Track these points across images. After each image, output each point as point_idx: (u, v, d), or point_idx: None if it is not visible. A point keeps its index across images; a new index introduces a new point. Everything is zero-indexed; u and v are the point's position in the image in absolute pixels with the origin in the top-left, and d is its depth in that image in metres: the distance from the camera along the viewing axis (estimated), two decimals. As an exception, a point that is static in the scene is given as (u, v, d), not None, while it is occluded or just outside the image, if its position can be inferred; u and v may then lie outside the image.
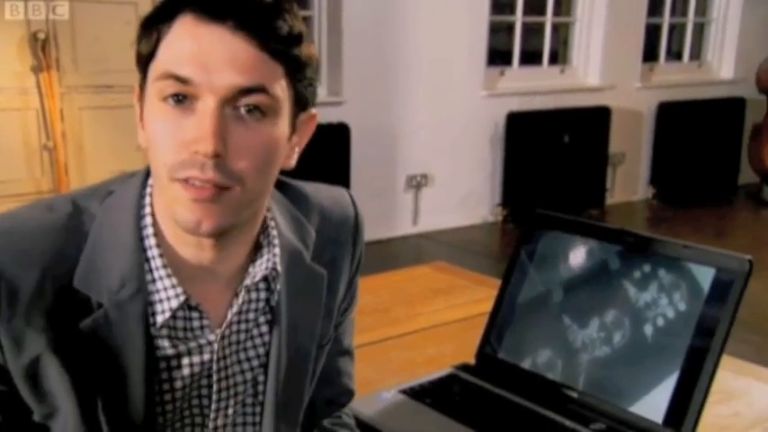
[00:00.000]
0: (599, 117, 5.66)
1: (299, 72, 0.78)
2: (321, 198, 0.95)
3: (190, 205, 0.74)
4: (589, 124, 5.61)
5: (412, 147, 4.95)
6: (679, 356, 1.13)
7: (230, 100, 0.73)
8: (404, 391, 1.24)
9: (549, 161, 5.43)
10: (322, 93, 4.41)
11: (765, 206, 6.14)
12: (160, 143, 0.74)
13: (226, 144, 0.72)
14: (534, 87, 5.49)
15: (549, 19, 5.63)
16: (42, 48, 3.04)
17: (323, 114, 0.89)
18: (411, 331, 1.54)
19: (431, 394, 1.26)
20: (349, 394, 1.08)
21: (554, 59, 5.77)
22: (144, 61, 0.77)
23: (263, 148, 0.76)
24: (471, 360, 1.35)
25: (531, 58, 5.63)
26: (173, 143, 0.73)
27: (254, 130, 0.74)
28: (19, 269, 0.75)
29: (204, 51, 0.72)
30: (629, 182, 6.10)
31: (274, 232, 0.86)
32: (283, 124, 0.78)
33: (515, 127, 5.31)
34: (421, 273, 2.00)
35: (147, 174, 0.84)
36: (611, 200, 5.86)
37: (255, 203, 0.80)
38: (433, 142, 5.00)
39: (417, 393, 1.25)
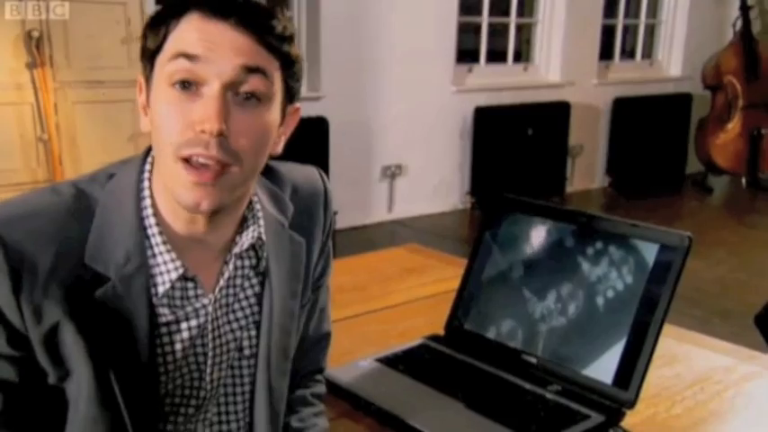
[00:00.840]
0: (559, 111, 5.68)
1: (290, 67, 0.82)
2: (294, 175, 0.98)
3: (191, 187, 0.77)
4: (550, 118, 5.63)
5: (387, 139, 4.94)
6: (627, 324, 1.14)
7: (233, 85, 0.76)
8: (379, 360, 1.25)
9: (514, 152, 5.44)
10: (302, 89, 4.40)
11: (710, 193, 6.20)
12: (167, 124, 0.77)
13: (228, 125, 0.75)
14: (500, 84, 5.48)
15: (513, 20, 5.62)
16: (36, 45, 2.98)
17: (303, 109, 0.92)
18: (386, 307, 1.55)
19: (404, 362, 1.26)
20: (320, 371, 1.10)
21: (518, 58, 5.77)
22: (150, 54, 0.79)
23: (260, 131, 0.79)
24: (441, 331, 1.36)
25: (496, 56, 5.62)
26: (179, 124, 0.76)
27: (252, 114, 0.78)
28: (36, 249, 0.77)
29: (211, 39, 0.76)
30: (587, 171, 6.12)
31: (258, 206, 0.89)
32: (276, 112, 0.81)
33: (482, 120, 5.30)
34: (395, 254, 2.01)
35: (144, 158, 0.86)
36: (570, 188, 5.89)
37: (248, 182, 0.83)
38: (406, 135, 4.99)
39: (391, 361, 1.26)
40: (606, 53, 6.19)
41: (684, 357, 1.33)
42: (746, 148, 6.10)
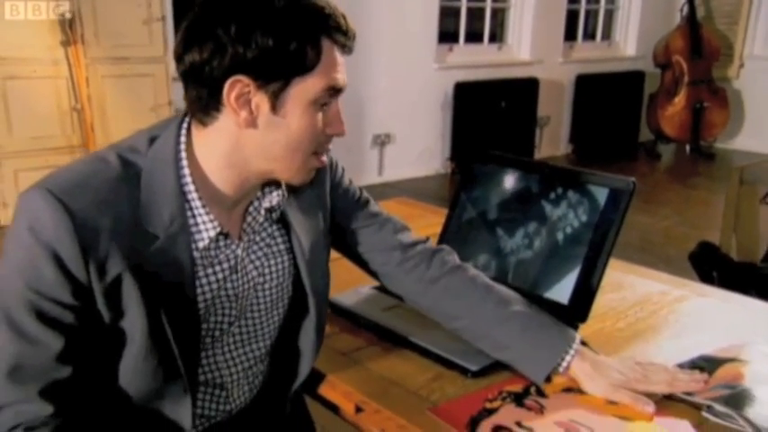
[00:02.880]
0: (529, 86, 5.68)
1: None
2: None
3: (313, 170, 0.90)
4: (521, 92, 5.63)
5: (377, 111, 4.95)
6: (581, 255, 1.17)
7: None
8: (375, 288, 1.28)
9: (489, 123, 5.45)
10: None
11: (658, 159, 6.25)
12: (309, 135, 0.85)
13: None
14: (477, 62, 5.47)
15: (488, 4, 5.59)
16: (69, 25, 2.97)
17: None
18: None
19: None
20: (419, 240, 1.12)
21: (493, 38, 5.75)
22: (287, 71, 0.80)
23: None
24: None
25: (474, 37, 5.60)
26: (317, 132, 0.86)
27: None
28: (97, 214, 0.78)
29: (343, 70, 0.85)
30: (553, 140, 6.16)
31: None
32: None
33: (462, 95, 5.30)
34: (387, 206, 1.93)
35: (178, 128, 0.86)
36: (538, 155, 5.92)
37: None
38: (394, 107, 5.00)
39: (383, 287, 1.24)
40: (570, 35, 6.18)
41: (629, 285, 1.38)
42: (690, 120, 6.15)
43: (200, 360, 0.93)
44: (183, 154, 0.85)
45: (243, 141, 0.84)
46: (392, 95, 4.95)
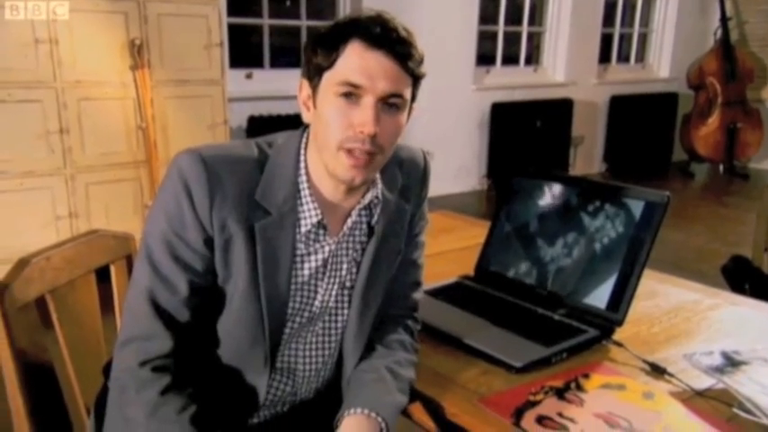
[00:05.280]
0: (564, 107, 5.69)
1: (417, 84, 0.95)
2: (401, 153, 1.07)
3: (349, 169, 0.91)
4: (556, 113, 5.64)
5: (417, 129, 4.96)
6: (618, 264, 1.22)
7: (381, 99, 0.89)
8: (425, 292, 1.30)
9: (525, 142, 5.47)
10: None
11: (692, 178, 6.19)
12: (334, 124, 0.90)
13: (377, 127, 0.89)
14: (513, 83, 5.51)
15: (524, 28, 5.64)
16: (138, 51, 3.12)
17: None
18: (426, 255, 1.63)
19: (443, 293, 1.36)
20: (414, 309, 1.15)
21: (529, 61, 5.79)
22: (321, 68, 0.91)
23: (397, 129, 0.93)
24: (471, 273, 1.45)
25: (510, 59, 5.65)
26: (343, 124, 0.90)
27: (393, 118, 0.92)
28: (229, 180, 0.91)
29: (369, 67, 0.88)
30: (587, 159, 6.13)
31: (378, 178, 1.02)
32: (405, 113, 0.95)
33: (498, 115, 5.34)
34: (431, 217, 2.08)
35: (302, 134, 0.98)
36: (572, 173, 5.85)
37: (383, 165, 0.97)
38: (434, 126, 5.03)
39: (434, 293, 1.35)
40: (604, 57, 6.19)
41: (663, 293, 1.41)
42: (724, 140, 6.08)
43: (282, 340, 1.00)
44: (303, 151, 0.97)
45: (313, 133, 0.96)
46: (432, 115, 5.00)
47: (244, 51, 4.45)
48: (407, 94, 0.93)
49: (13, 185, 2.98)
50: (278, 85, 4.45)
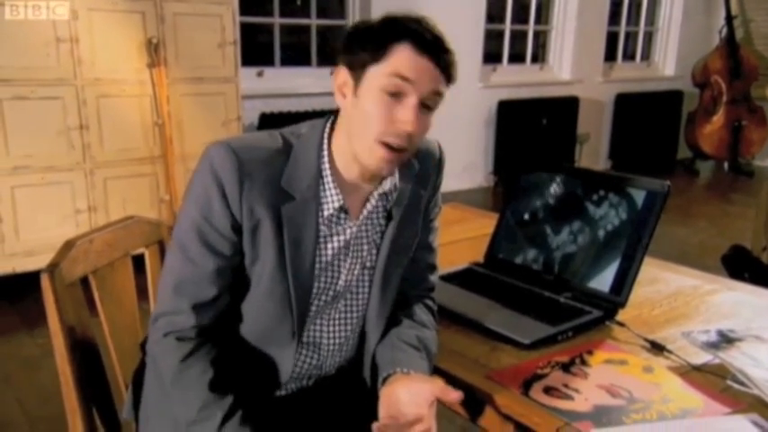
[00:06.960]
0: (569, 105, 5.73)
1: (449, 85, 1.00)
2: (419, 144, 1.11)
3: (383, 161, 0.97)
4: (562, 110, 5.67)
5: (424, 127, 5.07)
6: (621, 249, 1.28)
7: (422, 99, 0.95)
8: (439, 277, 1.33)
9: (531, 139, 5.50)
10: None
11: (696, 175, 6.22)
12: (376, 118, 0.95)
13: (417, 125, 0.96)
14: (519, 81, 5.54)
15: (531, 27, 5.68)
16: (155, 49, 3.19)
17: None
18: (439, 244, 1.69)
19: (456, 278, 1.42)
20: (431, 290, 1.21)
21: (535, 59, 5.83)
22: (365, 62, 0.96)
23: (426, 128, 1.00)
24: (481, 260, 1.51)
25: (516, 57, 5.69)
26: (386, 119, 0.95)
27: (426, 117, 0.98)
28: (257, 168, 0.96)
29: (418, 68, 0.94)
30: (593, 156, 6.16)
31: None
32: (433, 114, 1.01)
33: (505, 112, 5.38)
34: (441, 210, 2.15)
35: (325, 124, 1.03)
36: (577, 169, 5.96)
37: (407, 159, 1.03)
38: (441, 123, 5.02)
39: (447, 278, 1.40)
40: (610, 55, 6.22)
41: (664, 279, 1.47)
42: (728, 137, 6.12)
43: (308, 317, 1.07)
44: (326, 140, 1.02)
45: (345, 120, 1.01)
46: (439, 112, 4.92)
47: (255, 50, 4.53)
48: (443, 94, 1.00)
49: (35, 180, 3.07)
50: (288, 83, 4.52)
